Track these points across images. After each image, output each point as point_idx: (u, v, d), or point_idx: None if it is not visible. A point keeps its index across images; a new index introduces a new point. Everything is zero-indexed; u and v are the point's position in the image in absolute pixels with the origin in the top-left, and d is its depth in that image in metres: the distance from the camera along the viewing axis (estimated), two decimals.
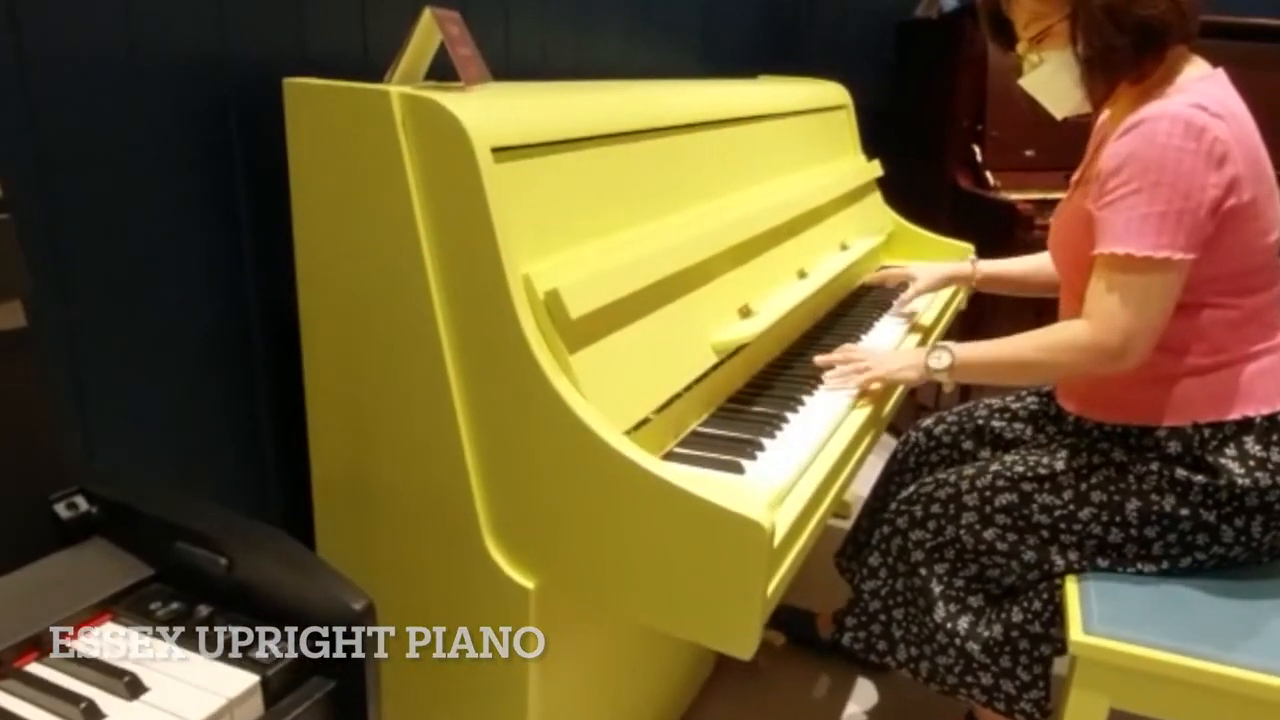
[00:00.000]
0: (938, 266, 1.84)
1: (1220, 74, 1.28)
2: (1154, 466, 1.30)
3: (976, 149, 2.78)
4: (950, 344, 1.40)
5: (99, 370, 1.08)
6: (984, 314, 2.54)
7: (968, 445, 1.68)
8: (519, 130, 1.07)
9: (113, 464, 1.10)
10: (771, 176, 1.84)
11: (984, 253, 2.42)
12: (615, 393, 1.11)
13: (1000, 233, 2.61)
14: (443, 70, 1.19)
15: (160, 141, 1.12)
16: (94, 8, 1.01)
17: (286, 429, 1.33)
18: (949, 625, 1.43)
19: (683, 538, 1.00)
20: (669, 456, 1.23)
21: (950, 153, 2.80)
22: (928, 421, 1.76)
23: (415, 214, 1.04)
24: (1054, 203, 2.75)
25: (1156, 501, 1.29)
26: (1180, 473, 1.28)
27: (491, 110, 1.05)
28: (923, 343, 1.81)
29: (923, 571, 1.44)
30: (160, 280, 1.15)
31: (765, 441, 1.27)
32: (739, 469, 1.19)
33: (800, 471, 1.20)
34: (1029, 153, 2.79)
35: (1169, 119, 1.17)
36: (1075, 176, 1.48)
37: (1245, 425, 1.27)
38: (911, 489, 1.49)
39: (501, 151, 1.03)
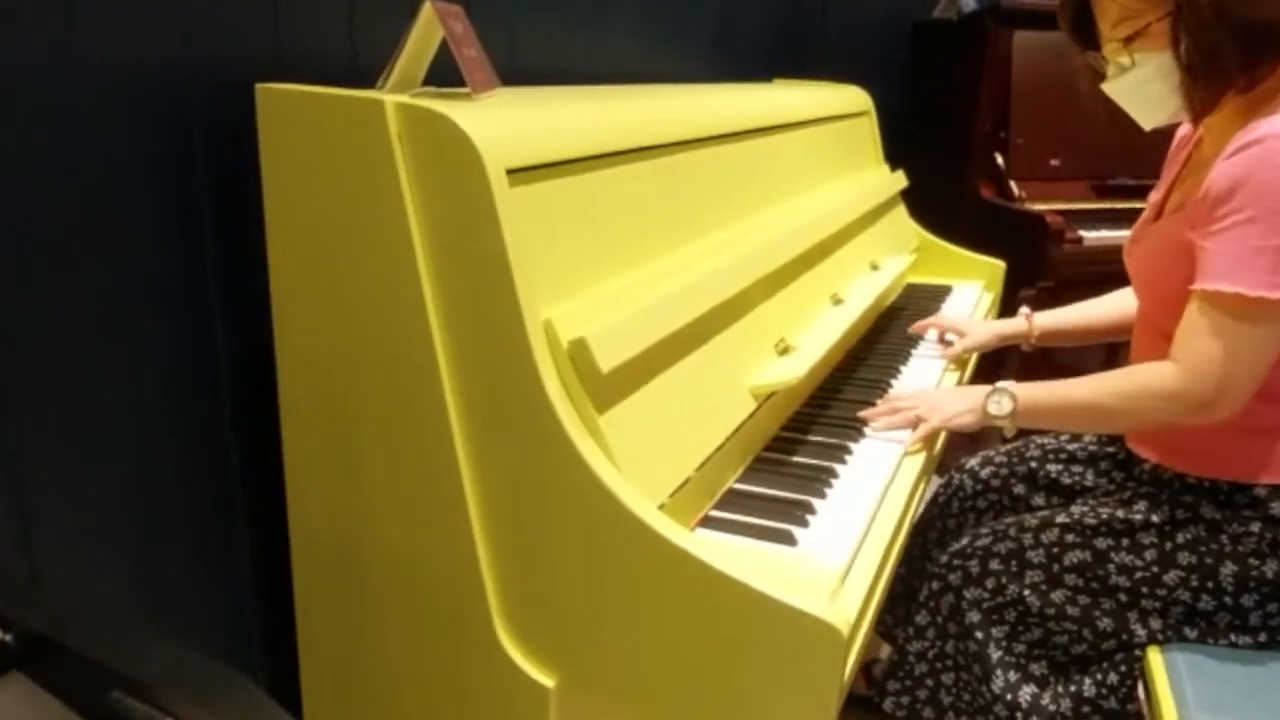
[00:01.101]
0: (991, 325, 1.67)
1: None
2: (1254, 528, 1.15)
3: (999, 157, 2.63)
4: (1012, 385, 1.26)
5: (31, 448, 0.90)
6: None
7: (1019, 490, 1.53)
8: (537, 148, 0.90)
9: (49, 564, 0.92)
10: (797, 191, 1.68)
11: (1013, 269, 2.29)
12: (650, 456, 0.94)
13: (1028, 247, 2.46)
14: (441, 75, 1.02)
15: (106, 158, 0.94)
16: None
17: (263, 499, 1.15)
18: (1009, 696, 1.27)
19: (736, 634, 0.84)
20: (707, 522, 1.06)
21: (972, 161, 2.65)
22: (973, 462, 1.60)
23: (414, 246, 0.87)
24: (1082, 214, 2.67)
25: (1255, 566, 1.15)
26: None
27: (505, 124, 0.88)
28: (971, 378, 1.66)
29: (979, 635, 1.29)
30: (107, 327, 0.97)
31: (815, 503, 1.11)
32: (790, 539, 1.02)
33: (860, 540, 1.04)
34: (1055, 161, 2.65)
35: None
36: (1158, 196, 1.34)
37: None
38: (965, 541, 1.34)
39: (517, 173, 0.86)
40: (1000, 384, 1.27)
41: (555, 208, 0.93)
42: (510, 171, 0.85)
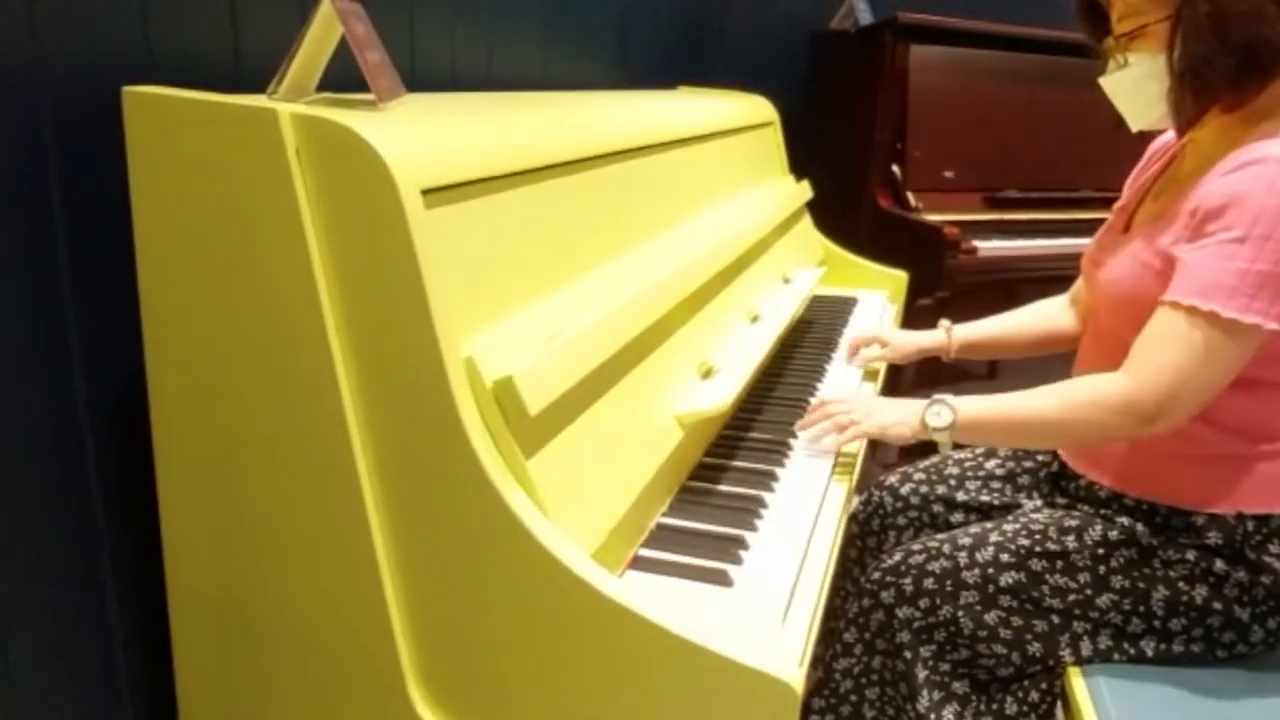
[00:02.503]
0: (914, 337, 1.64)
1: None
2: (1189, 555, 1.15)
3: (896, 169, 2.67)
4: (950, 398, 1.21)
5: None
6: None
7: (938, 508, 1.51)
8: (452, 165, 0.82)
9: None
10: (710, 204, 1.63)
11: (911, 278, 2.32)
12: (580, 500, 0.87)
13: (926, 257, 2.50)
14: (331, 81, 0.92)
15: None
16: None
17: (135, 556, 1.02)
18: (932, 716, 1.26)
19: (681, 695, 0.77)
20: (637, 563, 1.00)
21: (870, 171, 2.68)
22: (892, 479, 1.58)
23: (315, 276, 0.77)
24: (974, 225, 2.74)
25: (1186, 591, 1.15)
26: (1219, 565, 1.14)
27: (417, 139, 0.79)
28: (893, 388, 1.65)
29: (907, 654, 1.26)
30: None
31: (747, 536, 1.06)
32: (726, 580, 0.97)
33: (796, 575, 1.00)
34: (948, 173, 2.70)
35: None
36: (1125, 205, 1.30)
37: None
38: (898, 557, 1.30)
39: (433, 194, 0.77)
40: (939, 396, 1.22)
41: (471, 231, 0.84)
42: (425, 192, 0.76)
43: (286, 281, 0.78)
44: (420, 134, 0.80)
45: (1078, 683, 1.17)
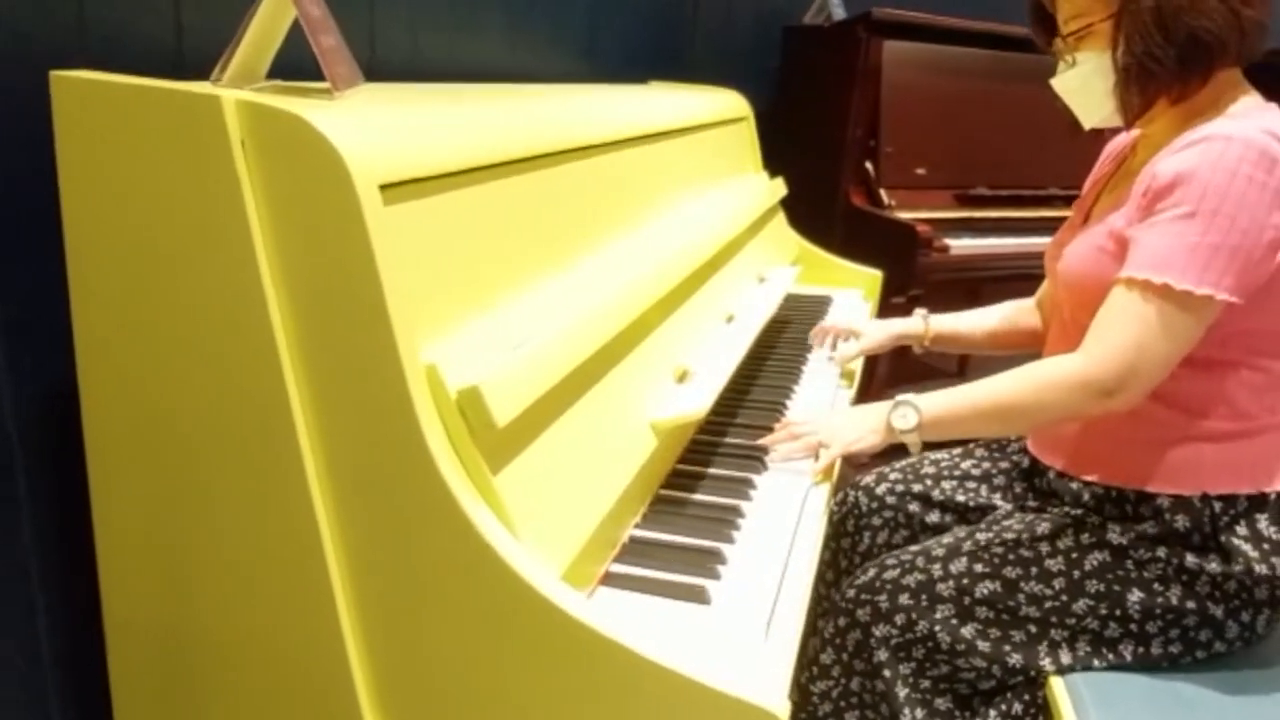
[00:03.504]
0: (888, 324, 1.62)
1: (1275, 108, 1.13)
2: (1160, 552, 1.14)
3: (870, 166, 2.64)
4: (913, 398, 1.21)
5: None
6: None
7: (914, 508, 1.48)
8: (413, 158, 0.76)
9: None
10: (683, 201, 1.59)
11: (884, 276, 2.29)
12: (549, 516, 0.81)
13: (899, 255, 2.48)
14: (282, 69, 0.85)
15: None
16: None
17: (67, 575, 0.95)
18: None
19: None
20: (609, 579, 0.95)
21: (844, 168, 2.65)
22: (868, 479, 1.55)
23: (262, 277, 0.71)
24: (946, 223, 2.72)
25: (1161, 592, 1.14)
26: (1190, 559, 1.13)
27: (376, 129, 0.73)
28: (858, 391, 1.61)
29: (887, 673, 1.23)
30: None
31: (725, 549, 1.01)
32: (704, 597, 0.92)
33: (777, 591, 0.95)
34: (920, 171, 2.68)
35: (1242, 143, 1.02)
36: (1084, 202, 1.31)
37: (1259, 501, 1.13)
38: (871, 573, 1.27)
39: (392, 189, 0.72)
40: (902, 397, 1.22)
41: (433, 229, 0.78)
42: (384, 187, 0.70)
43: (231, 284, 0.72)
44: (378, 125, 0.74)
45: (1060, 692, 1.16)
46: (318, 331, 0.72)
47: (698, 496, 1.14)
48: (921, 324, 1.58)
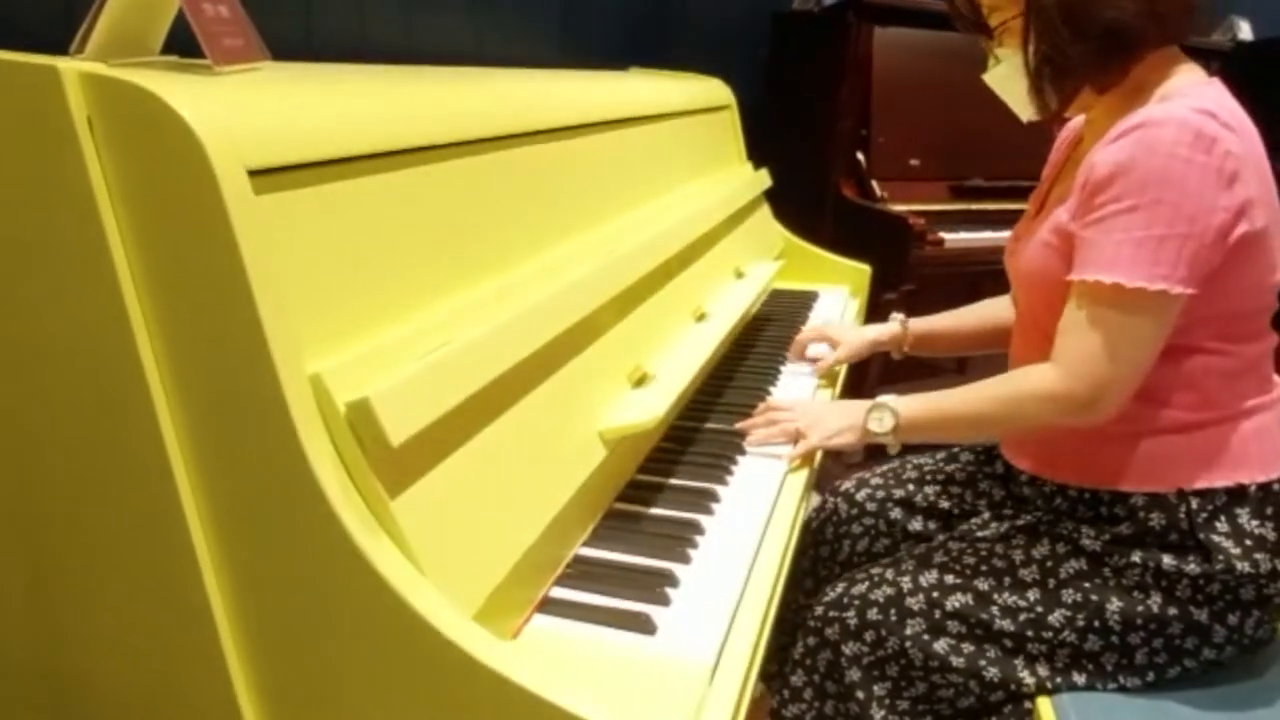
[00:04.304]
0: (865, 331, 1.56)
1: (1217, 81, 1.08)
2: (1136, 557, 1.08)
3: (861, 156, 2.54)
4: (891, 400, 1.19)
5: None
6: None
7: (896, 514, 1.42)
8: (294, 141, 0.66)
9: None
10: (653, 193, 1.49)
11: (875, 271, 2.19)
12: (462, 543, 0.72)
13: (891, 249, 2.38)
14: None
15: None
16: None
17: None
18: None
19: None
20: (547, 605, 0.86)
21: (834, 159, 2.55)
22: (847, 485, 1.49)
23: (116, 276, 0.62)
24: (940, 215, 2.62)
25: (1140, 600, 1.07)
26: (1168, 561, 1.06)
27: (248, 107, 0.64)
28: (842, 391, 1.53)
29: (860, 695, 1.16)
30: None
31: (678, 571, 0.92)
32: (648, 626, 0.83)
33: (731, 618, 0.86)
34: (914, 161, 2.58)
35: (1175, 125, 0.97)
36: (1039, 192, 1.27)
37: (1238, 495, 1.07)
38: (840, 589, 1.20)
39: (264, 175, 0.63)
40: (880, 399, 1.19)
41: (322, 223, 0.69)
42: (254, 173, 0.61)
43: (84, 284, 0.63)
44: (253, 102, 0.65)
45: (1045, 712, 1.09)
46: (186, 339, 0.64)
47: (655, 510, 1.05)
48: (900, 329, 1.52)
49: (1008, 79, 1.14)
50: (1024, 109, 1.15)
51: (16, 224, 0.65)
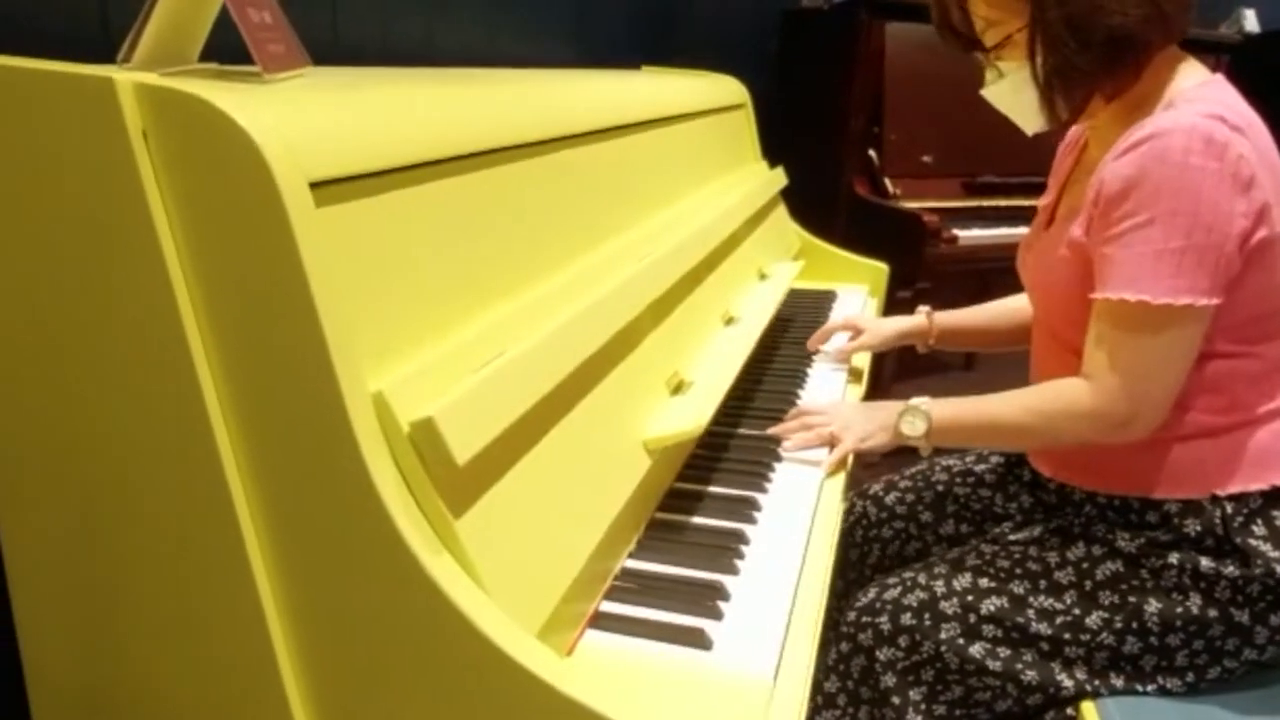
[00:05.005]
0: (888, 323, 1.55)
1: (1221, 79, 1.08)
2: (1173, 559, 1.07)
3: (873, 154, 2.52)
4: (925, 403, 1.18)
5: None
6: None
7: (926, 517, 1.41)
8: (353, 151, 0.65)
9: None
10: (678, 195, 1.48)
11: (890, 268, 2.18)
12: (524, 562, 0.71)
13: (905, 246, 2.37)
14: (235, 53, 0.75)
15: None
16: None
17: None
18: None
19: None
20: (599, 619, 0.84)
21: (846, 157, 2.54)
22: (877, 488, 1.48)
23: (176, 295, 0.60)
24: (954, 212, 2.60)
25: (1179, 601, 1.06)
26: (1206, 564, 1.05)
27: (306, 117, 0.62)
28: (867, 389, 1.52)
29: (896, 700, 1.15)
30: None
31: (727, 583, 0.91)
32: (704, 641, 0.81)
33: (785, 630, 0.85)
34: (926, 158, 2.57)
35: (1184, 133, 0.96)
36: (1048, 201, 1.25)
37: (1273, 497, 1.06)
38: (873, 594, 1.19)
39: (325, 187, 0.61)
40: (914, 401, 1.18)
41: (379, 234, 0.67)
42: (315, 185, 0.59)
43: (141, 300, 0.61)
44: (310, 112, 0.63)
45: (1090, 715, 1.08)
46: (245, 356, 0.62)
47: (697, 520, 1.03)
48: (926, 321, 1.51)
49: (1010, 93, 1.12)
50: (1028, 122, 1.14)
51: (70, 241, 0.62)
